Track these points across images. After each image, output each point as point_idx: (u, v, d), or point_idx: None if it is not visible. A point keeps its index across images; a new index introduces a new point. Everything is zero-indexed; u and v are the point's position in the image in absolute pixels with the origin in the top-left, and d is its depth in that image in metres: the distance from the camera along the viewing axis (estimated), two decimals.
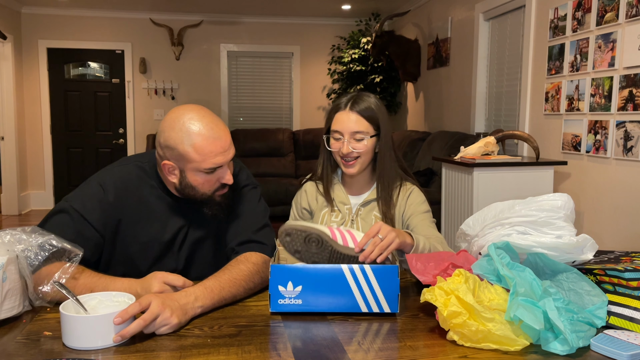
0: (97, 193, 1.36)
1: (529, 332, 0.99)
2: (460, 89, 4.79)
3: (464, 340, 1.00)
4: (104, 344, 0.99)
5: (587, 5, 3.03)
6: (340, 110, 1.56)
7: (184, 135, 1.26)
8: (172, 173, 1.33)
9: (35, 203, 6.56)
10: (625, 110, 2.75)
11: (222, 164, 1.30)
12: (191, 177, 1.31)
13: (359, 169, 1.56)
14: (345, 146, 1.53)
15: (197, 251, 1.46)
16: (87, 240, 1.31)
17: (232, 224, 1.44)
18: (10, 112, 6.03)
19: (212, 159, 1.28)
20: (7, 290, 1.09)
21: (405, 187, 1.62)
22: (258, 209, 1.48)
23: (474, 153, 3.07)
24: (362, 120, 1.53)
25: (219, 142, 1.28)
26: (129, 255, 1.40)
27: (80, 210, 1.32)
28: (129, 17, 6.52)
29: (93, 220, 1.33)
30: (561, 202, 1.16)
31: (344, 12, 6.54)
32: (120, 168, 1.43)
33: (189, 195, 1.36)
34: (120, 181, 1.39)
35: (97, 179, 1.39)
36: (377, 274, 1.14)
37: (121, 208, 1.37)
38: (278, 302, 1.15)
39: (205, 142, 1.26)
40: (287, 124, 7.03)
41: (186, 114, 1.28)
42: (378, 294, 1.15)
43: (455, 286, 1.03)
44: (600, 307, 1.05)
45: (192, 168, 1.30)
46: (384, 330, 1.10)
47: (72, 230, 1.30)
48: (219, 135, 1.29)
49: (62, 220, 1.32)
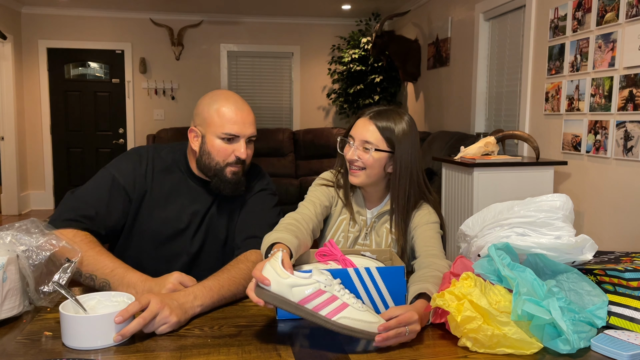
0: (134, 160, 1.49)
1: (537, 334, 0.99)
2: (460, 89, 4.79)
3: (477, 347, 0.98)
4: (104, 343, 0.99)
5: (587, 5, 3.03)
6: (363, 117, 1.52)
7: (212, 101, 1.43)
8: (196, 139, 1.46)
9: (35, 203, 6.56)
10: (626, 110, 2.75)
11: (238, 133, 1.41)
12: (209, 142, 1.42)
13: (362, 180, 1.50)
14: (352, 152, 1.49)
15: (209, 240, 1.51)
16: (118, 203, 1.43)
17: (243, 221, 1.50)
18: (10, 112, 6.03)
19: (230, 124, 1.40)
20: (7, 290, 1.09)
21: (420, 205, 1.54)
22: (271, 212, 1.53)
23: (474, 153, 3.07)
24: (376, 132, 1.47)
25: (240, 112, 1.42)
26: (147, 230, 1.47)
27: (115, 174, 1.45)
28: (129, 17, 6.52)
29: (126, 183, 1.45)
30: (560, 203, 1.15)
31: (344, 12, 6.54)
32: (156, 146, 1.57)
33: (205, 164, 1.45)
34: (155, 157, 1.52)
35: (137, 149, 1.54)
36: (383, 275, 1.14)
37: (150, 180, 1.48)
38: None
39: (227, 109, 1.41)
40: (287, 124, 7.03)
41: (220, 90, 1.48)
42: (385, 294, 1.14)
43: (467, 290, 1.01)
44: (600, 307, 1.05)
45: (212, 132, 1.42)
46: None
47: (106, 191, 1.43)
48: (242, 107, 1.43)
49: (98, 182, 1.45)
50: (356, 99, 6.37)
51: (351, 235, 1.56)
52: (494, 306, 0.99)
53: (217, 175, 1.44)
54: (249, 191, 1.53)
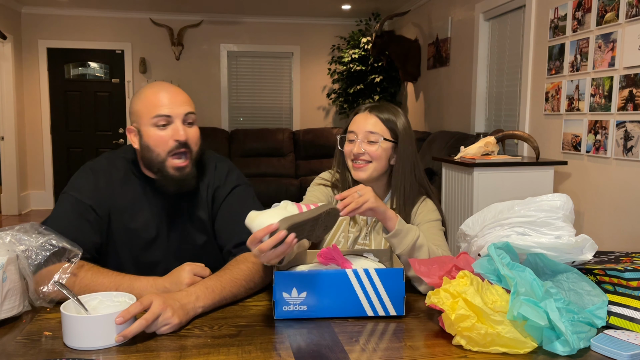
0: (89, 179, 1.41)
1: (533, 334, 0.99)
2: (460, 89, 4.79)
3: (471, 345, 0.98)
4: (105, 344, 0.99)
5: (587, 5, 3.03)
6: (361, 112, 1.53)
7: (139, 94, 1.38)
8: (135, 137, 1.38)
9: (35, 203, 6.56)
10: (626, 110, 2.75)
11: (170, 113, 1.33)
12: (145, 135, 1.35)
13: (368, 175, 1.50)
14: (357, 146, 1.48)
15: (187, 243, 1.46)
16: (90, 223, 1.36)
17: (227, 226, 1.43)
18: (10, 112, 6.03)
19: (158, 107, 1.33)
20: (7, 290, 1.09)
21: (421, 201, 1.54)
22: (253, 207, 1.47)
23: (474, 153, 3.07)
24: (379, 123, 1.49)
25: (166, 94, 1.35)
26: (121, 244, 1.42)
27: (77, 196, 1.38)
28: (129, 17, 6.52)
29: (92, 202, 1.38)
30: (560, 203, 1.16)
31: (344, 12, 6.54)
32: (108, 156, 1.48)
33: (148, 160, 1.37)
34: (110, 168, 1.44)
35: (88, 166, 1.45)
36: (381, 276, 1.13)
37: (111, 193, 1.41)
38: (283, 309, 1.13)
39: (152, 95, 1.35)
40: (287, 124, 7.03)
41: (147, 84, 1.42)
42: (383, 296, 1.14)
43: (462, 289, 1.01)
44: (600, 307, 1.05)
45: (145, 123, 1.35)
46: (385, 330, 1.10)
47: (75, 215, 1.35)
48: (168, 90, 1.36)
49: (64, 208, 1.37)
50: (356, 99, 6.37)
51: (351, 235, 1.55)
52: (489, 305, 0.99)
53: (161, 170, 1.36)
54: (220, 189, 1.46)
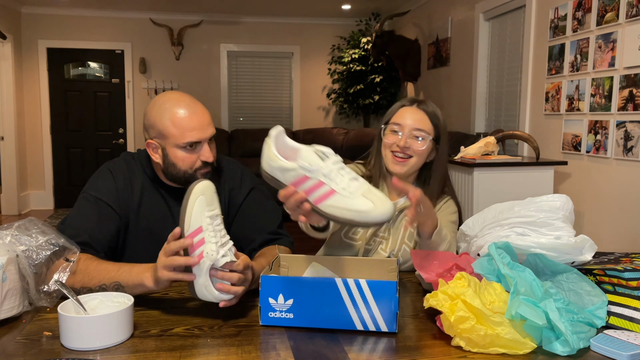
0: (109, 179, 1.42)
1: (532, 334, 0.99)
2: (460, 89, 4.79)
3: (471, 346, 0.98)
4: (103, 344, 0.99)
5: (587, 5, 3.03)
6: (406, 105, 1.51)
7: (162, 111, 1.33)
8: (156, 152, 1.38)
9: (35, 203, 6.56)
10: (626, 110, 2.75)
11: (199, 139, 1.34)
12: (172, 154, 1.35)
13: (407, 170, 1.49)
14: (404, 139, 1.46)
15: None
16: (110, 222, 1.37)
17: (251, 226, 1.48)
18: (10, 112, 6.03)
19: (189, 132, 1.32)
20: (7, 290, 1.09)
21: (445, 201, 1.56)
22: (270, 204, 1.53)
23: (474, 153, 3.07)
24: (427, 120, 1.48)
25: (195, 116, 1.34)
26: (138, 242, 1.44)
27: (97, 195, 1.38)
28: (129, 17, 6.52)
29: (111, 202, 1.39)
30: (560, 203, 1.16)
31: (344, 12, 6.54)
32: (125, 157, 1.49)
33: (173, 175, 1.39)
34: (126, 170, 1.45)
35: (106, 166, 1.46)
36: (373, 289, 1.04)
37: (130, 194, 1.43)
38: (268, 315, 1.09)
39: (182, 116, 1.32)
40: (287, 124, 7.02)
41: (166, 95, 1.38)
42: (374, 310, 1.05)
43: (460, 290, 1.01)
44: (600, 307, 1.05)
45: (171, 144, 1.34)
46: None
47: (95, 214, 1.36)
48: (196, 110, 1.35)
49: (84, 207, 1.38)
50: (356, 99, 6.37)
51: None
52: (488, 306, 0.99)
53: (189, 180, 1.35)
54: (235, 191, 1.49)
